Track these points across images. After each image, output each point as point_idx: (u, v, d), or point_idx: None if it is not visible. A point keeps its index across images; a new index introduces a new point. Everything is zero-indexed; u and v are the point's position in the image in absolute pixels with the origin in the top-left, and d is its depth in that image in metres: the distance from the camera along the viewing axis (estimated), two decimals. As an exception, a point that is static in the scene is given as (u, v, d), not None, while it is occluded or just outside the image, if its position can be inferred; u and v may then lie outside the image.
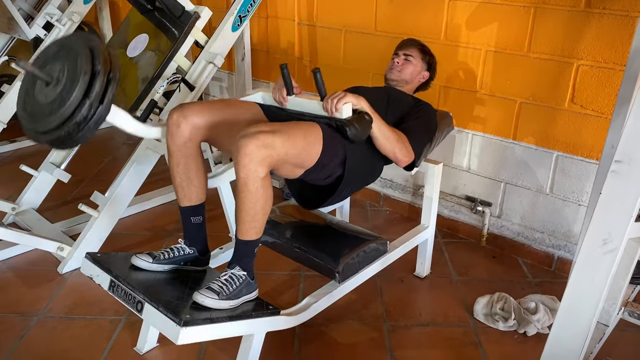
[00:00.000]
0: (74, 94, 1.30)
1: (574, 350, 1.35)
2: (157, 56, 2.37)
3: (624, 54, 2.07)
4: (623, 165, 1.24)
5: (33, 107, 1.41)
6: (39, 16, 3.18)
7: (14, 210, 2.70)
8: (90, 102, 1.32)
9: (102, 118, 1.37)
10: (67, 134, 1.34)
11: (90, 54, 1.34)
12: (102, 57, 1.33)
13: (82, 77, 1.30)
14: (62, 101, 1.32)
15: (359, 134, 1.72)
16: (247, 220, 1.59)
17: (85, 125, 1.34)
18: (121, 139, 4.01)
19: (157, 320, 1.52)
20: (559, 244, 2.47)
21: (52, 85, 1.36)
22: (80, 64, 1.31)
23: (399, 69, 2.19)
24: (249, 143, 1.50)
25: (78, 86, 1.30)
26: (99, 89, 1.32)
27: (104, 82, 1.34)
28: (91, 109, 1.33)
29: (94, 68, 1.32)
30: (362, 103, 1.76)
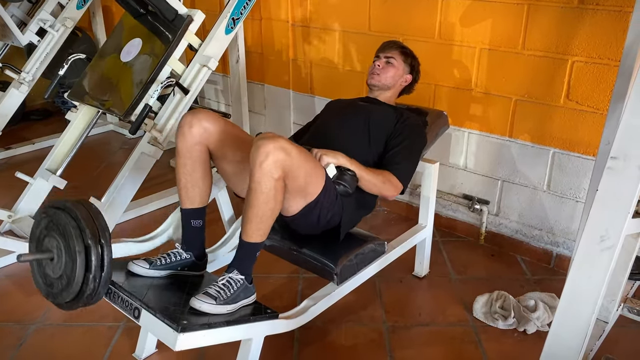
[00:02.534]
0: (76, 273, 1.45)
1: (574, 347, 1.35)
2: (151, 60, 2.36)
3: (618, 49, 2.06)
4: (619, 162, 1.23)
5: (47, 282, 1.57)
6: (32, 22, 3.17)
7: (10, 217, 2.68)
8: (93, 275, 1.47)
9: (108, 280, 1.51)
10: (85, 300, 1.51)
11: (78, 228, 1.46)
12: (89, 230, 1.46)
13: (78, 256, 1.45)
14: (69, 280, 1.48)
15: (348, 189, 1.80)
16: (255, 221, 1.59)
17: (95, 293, 1.50)
18: (117, 144, 4.00)
19: (154, 327, 1.51)
20: (557, 241, 2.47)
21: (56, 260, 1.52)
22: (73, 242, 1.45)
23: (378, 72, 2.14)
24: (269, 143, 1.52)
25: (78, 265, 1.45)
26: (96, 261, 1.46)
27: (99, 252, 1.47)
28: (95, 279, 1.47)
29: (85, 243, 1.46)
30: (340, 160, 1.80)
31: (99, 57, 2.59)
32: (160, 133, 2.35)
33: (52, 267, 1.54)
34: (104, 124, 4.19)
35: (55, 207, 1.55)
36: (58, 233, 1.51)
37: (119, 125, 4.18)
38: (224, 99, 3.90)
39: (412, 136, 2.02)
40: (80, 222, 1.47)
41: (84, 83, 2.54)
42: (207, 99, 4.03)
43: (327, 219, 1.80)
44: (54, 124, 4.32)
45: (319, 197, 1.71)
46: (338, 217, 1.82)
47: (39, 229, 1.59)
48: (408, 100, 2.35)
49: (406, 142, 1.99)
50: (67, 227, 1.48)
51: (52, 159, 2.68)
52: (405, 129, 2.01)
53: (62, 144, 2.68)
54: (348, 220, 1.87)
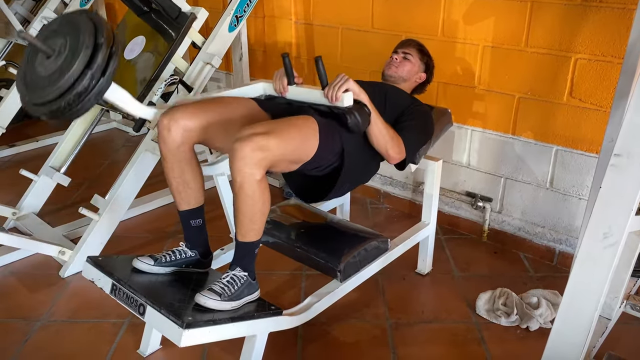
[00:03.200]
0: (75, 64, 1.30)
1: (577, 344, 1.35)
2: (154, 58, 2.37)
3: (621, 47, 2.06)
4: (622, 159, 1.23)
5: (33, 79, 1.40)
6: (36, 20, 3.17)
7: (14, 215, 2.70)
8: (92, 73, 1.31)
9: (103, 90, 1.36)
10: (66, 105, 1.33)
11: (94, 27, 1.33)
12: (106, 31, 1.33)
13: (84, 49, 1.30)
14: (62, 72, 1.32)
15: (359, 123, 1.74)
16: (246, 223, 1.59)
17: (85, 97, 1.33)
18: (120, 142, 4.01)
19: (159, 323, 1.52)
20: (560, 238, 2.47)
21: (54, 58, 1.35)
22: (83, 37, 1.31)
23: (396, 65, 2.20)
24: (244, 147, 1.49)
25: (80, 58, 1.30)
26: (101, 61, 1.32)
27: (107, 55, 1.33)
28: (92, 79, 1.32)
29: (97, 41, 1.31)
30: (362, 95, 1.78)
31: (102, 55, 2.59)
32: (164, 130, 2.36)
33: (45, 65, 1.38)
34: (107, 122, 4.20)
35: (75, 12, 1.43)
36: (70, 30, 1.36)
37: (122, 123, 4.19)
38: (227, 97, 3.90)
39: (422, 119, 2.05)
40: (99, 23, 1.35)
41: (88, 80, 2.54)
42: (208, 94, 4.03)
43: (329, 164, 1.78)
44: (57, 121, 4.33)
45: (315, 155, 1.69)
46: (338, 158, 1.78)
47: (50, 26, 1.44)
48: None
49: (418, 121, 2.02)
50: (82, 23, 1.35)
51: (56, 156, 2.70)
52: (417, 112, 2.05)
53: (66, 142, 2.69)
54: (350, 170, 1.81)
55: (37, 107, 1.38)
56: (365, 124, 1.77)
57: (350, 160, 1.79)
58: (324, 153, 1.72)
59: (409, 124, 1.98)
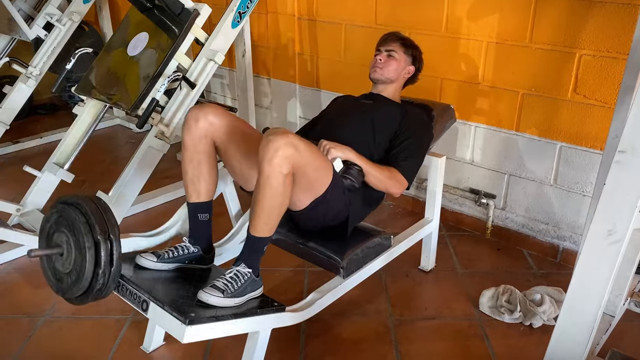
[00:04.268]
0: (86, 268, 1.47)
1: (580, 341, 1.35)
2: (157, 54, 2.37)
3: (626, 42, 2.05)
4: (627, 156, 1.23)
5: (57, 276, 1.59)
6: (39, 16, 3.17)
7: (18, 211, 2.70)
8: (102, 270, 1.49)
9: (117, 275, 1.54)
10: (95, 295, 1.53)
11: (87, 224, 1.48)
12: (98, 226, 1.47)
13: (87, 251, 1.47)
14: (79, 275, 1.50)
15: (354, 183, 1.82)
16: (263, 216, 1.60)
17: (105, 288, 1.52)
18: (124, 138, 4.02)
19: (162, 319, 1.52)
20: (563, 235, 2.46)
21: (66, 254, 1.54)
22: (83, 240, 1.47)
23: (380, 66, 2.11)
24: (278, 139, 1.52)
25: (87, 261, 1.47)
26: (105, 257, 1.48)
27: (108, 247, 1.49)
28: (105, 274, 1.50)
29: (95, 238, 1.47)
30: (348, 154, 1.83)
31: (105, 52, 2.60)
32: (167, 127, 2.36)
33: (61, 262, 1.55)
34: (111, 118, 4.21)
35: (65, 203, 1.56)
36: (67, 229, 1.52)
37: (125, 120, 4.19)
38: (230, 93, 3.90)
39: (417, 133, 2.02)
40: (90, 218, 1.48)
41: (91, 77, 2.55)
42: (213, 93, 4.04)
43: (334, 214, 1.80)
44: (61, 118, 4.34)
45: (326, 192, 1.72)
46: (345, 212, 1.82)
47: (48, 224, 1.60)
48: (415, 94, 2.34)
49: (411, 140, 1.99)
50: (76, 222, 1.49)
51: (59, 152, 2.70)
52: (411, 126, 2.01)
53: (70, 138, 2.69)
54: (355, 215, 1.87)
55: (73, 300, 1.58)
56: (359, 180, 1.84)
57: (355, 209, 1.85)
58: (333, 194, 1.74)
59: (403, 147, 1.97)
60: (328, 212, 1.78)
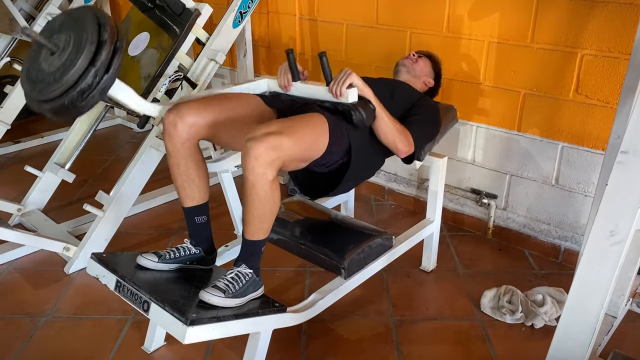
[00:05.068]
0: (79, 62, 1.29)
1: (582, 342, 1.35)
2: (158, 54, 2.37)
3: (628, 42, 2.04)
4: (629, 156, 1.23)
5: (37, 75, 1.39)
6: (40, 16, 3.17)
7: (19, 211, 2.71)
8: (96, 70, 1.31)
9: (107, 87, 1.36)
10: (70, 102, 1.33)
11: (97, 23, 1.33)
12: (109, 27, 1.32)
13: (88, 46, 1.30)
14: (66, 69, 1.31)
15: (364, 119, 1.74)
16: (255, 222, 1.59)
17: (89, 94, 1.33)
18: (125, 138, 4.02)
19: (163, 320, 1.52)
20: (565, 236, 2.46)
21: (58, 54, 1.35)
22: (87, 34, 1.31)
23: (412, 59, 2.27)
24: (258, 146, 1.48)
25: (83, 54, 1.29)
26: (104, 58, 1.31)
27: (110, 51, 1.32)
28: (96, 76, 1.31)
29: (101, 37, 1.31)
30: (366, 90, 1.78)
31: (106, 51, 2.59)
32: (168, 127, 2.36)
33: (49, 61, 1.37)
34: (112, 118, 4.21)
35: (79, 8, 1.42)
36: (74, 26, 1.35)
37: (126, 119, 4.19)
38: (231, 93, 3.90)
39: (430, 115, 2.06)
40: (102, 19, 1.34)
41: (92, 77, 2.54)
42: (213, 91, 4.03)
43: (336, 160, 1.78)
44: (62, 118, 4.33)
45: (326, 152, 1.69)
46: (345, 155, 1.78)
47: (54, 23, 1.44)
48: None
49: (424, 115, 2.02)
50: (86, 18, 1.34)
51: (60, 152, 2.70)
52: (425, 106, 2.06)
53: (71, 138, 2.70)
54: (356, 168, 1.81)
55: (41, 104, 1.38)
56: (370, 119, 1.76)
57: (356, 157, 1.79)
58: (333, 150, 1.72)
59: (416, 118, 1.98)
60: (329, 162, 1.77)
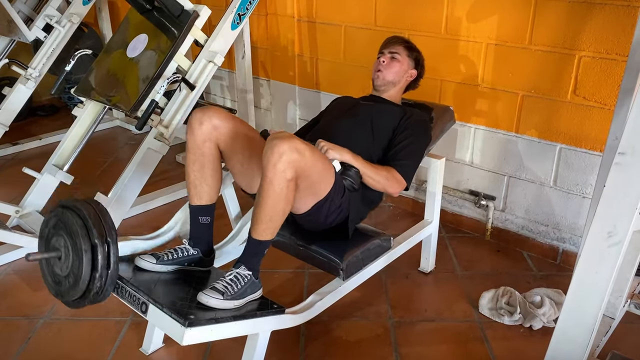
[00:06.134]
0: (83, 271, 1.47)
1: (580, 343, 1.35)
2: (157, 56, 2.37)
3: (626, 44, 2.05)
4: (627, 157, 1.23)
5: (55, 279, 1.60)
6: (39, 18, 3.17)
7: (17, 212, 2.70)
8: (99, 273, 1.49)
9: (114, 278, 1.54)
10: (92, 298, 1.53)
11: (85, 228, 1.48)
12: (96, 230, 1.48)
13: (84, 255, 1.47)
14: (76, 278, 1.50)
15: (354, 184, 1.82)
16: (265, 221, 1.59)
17: (102, 291, 1.52)
18: (123, 140, 4.02)
19: (161, 321, 1.52)
20: (563, 237, 2.46)
21: (64, 259, 1.54)
22: (80, 243, 1.47)
23: (382, 69, 2.13)
24: (283, 143, 1.52)
25: (84, 263, 1.47)
26: (102, 260, 1.48)
27: (105, 251, 1.49)
28: (102, 278, 1.50)
29: (92, 242, 1.48)
30: (345, 156, 1.82)
31: (105, 53, 2.60)
32: (167, 129, 2.36)
33: (60, 266, 1.56)
34: (110, 120, 4.20)
35: (63, 207, 1.56)
36: (65, 232, 1.52)
37: (125, 121, 4.19)
38: (230, 95, 3.90)
39: (416, 133, 2.01)
40: (87, 222, 1.49)
41: (91, 79, 2.55)
42: (212, 95, 4.03)
43: (335, 215, 1.80)
44: (60, 119, 4.34)
45: (329, 194, 1.72)
46: (346, 212, 1.82)
47: (47, 228, 1.60)
48: (414, 96, 2.34)
49: (410, 139, 1.98)
50: (74, 226, 1.49)
51: (59, 154, 2.69)
52: (410, 126, 2.01)
53: (69, 140, 2.69)
54: (355, 215, 1.87)
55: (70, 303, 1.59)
56: (357, 181, 1.84)
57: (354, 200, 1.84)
58: (335, 196, 1.74)
59: (402, 146, 1.97)
60: (330, 213, 1.78)
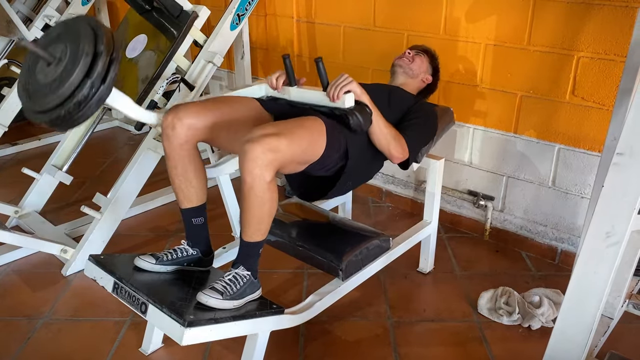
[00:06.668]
0: (75, 73, 1.30)
1: (579, 343, 1.35)
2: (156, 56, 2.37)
3: (624, 45, 2.05)
4: (625, 158, 1.23)
5: (34, 86, 1.40)
6: (38, 18, 3.17)
7: (16, 213, 2.70)
8: (92, 81, 1.31)
9: (104, 98, 1.36)
10: (67, 113, 1.33)
11: (94, 35, 1.33)
12: (105, 38, 1.33)
13: (83, 57, 1.30)
14: (62, 80, 1.32)
15: (361, 123, 1.75)
16: (253, 224, 1.59)
17: (85, 105, 1.33)
18: (123, 140, 4.02)
19: (161, 322, 1.52)
20: (562, 237, 2.46)
21: (54, 65, 1.35)
22: (83, 45, 1.31)
23: (408, 58, 2.23)
24: (255, 147, 1.48)
25: (80, 66, 1.30)
26: (101, 69, 1.32)
27: (107, 62, 1.33)
28: (92, 88, 1.32)
29: (97, 49, 1.32)
30: (363, 97, 1.79)
31: (104, 53, 2.59)
32: (166, 129, 2.36)
33: (45, 72, 1.38)
34: (109, 120, 4.20)
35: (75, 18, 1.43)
36: (70, 37, 1.36)
37: (124, 121, 4.19)
38: (229, 95, 3.90)
39: (427, 116, 2.06)
40: (99, 30, 1.35)
41: (90, 79, 2.54)
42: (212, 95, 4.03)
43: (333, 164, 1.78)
44: (59, 120, 4.33)
45: (323, 156, 1.69)
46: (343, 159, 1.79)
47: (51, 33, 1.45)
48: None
49: (421, 120, 2.02)
50: (82, 30, 1.35)
51: (58, 154, 2.70)
52: (421, 110, 2.06)
53: (68, 140, 2.69)
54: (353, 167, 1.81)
55: (38, 115, 1.39)
56: (367, 124, 1.77)
57: (354, 160, 1.79)
58: (330, 153, 1.72)
59: (412, 123, 1.98)
60: (326, 166, 1.77)
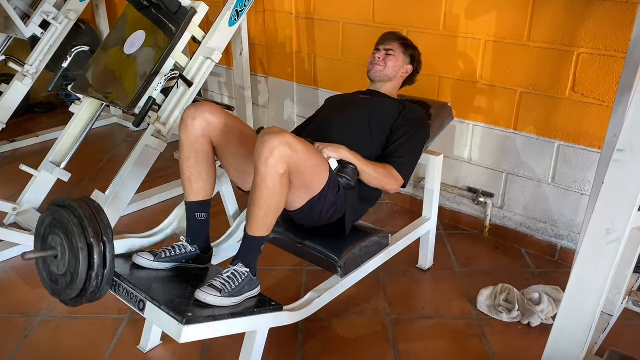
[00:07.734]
0: (79, 270, 1.48)
1: (579, 340, 1.35)
2: (154, 52, 2.36)
3: (624, 41, 2.05)
4: (625, 154, 1.23)
5: (52, 278, 1.60)
6: (36, 14, 3.16)
7: (14, 210, 2.69)
8: (95, 272, 1.49)
9: (111, 278, 1.54)
10: (89, 297, 1.53)
11: (81, 227, 1.48)
12: (92, 227, 1.48)
13: (81, 252, 1.47)
14: (72, 277, 1.50)
15: (350, 182, 1.82)
16: (260, 216, 1.59)
17: (99, 289, 1.52)
18: (121, 137, 4.01)
19: (159, 319, 1.51)
20: (561, 234, 2.46)
21: (60, 258, 1.54)
22: (76, 242, 1.47)
23: (379, 64, 2.13)
24: (274, 138, 1.52)
25: (81, 262, 1.47)
26: (98, 259, 1.48)
27: (101, 250, 1.49)
28: (98, 277, 1.50)
29: (88, 241, 1.47)
30: (342, 153, 1.81)
31: (102, 50, 2.59)
32: (164, 126, 2.36)
33: (56, 265, 1.55)
34: (107, 117, 4.19)
35: (59, 206, 1.56)
36: (61, 231, 1.52)
37: (122, 118, 4.18)
38: (228, 92, 3.89)
39: (414, 130, 2.01)
40: (83, 221, 1.48)
41: (88, 76, 2.54)
42: (210, 92, 4.02)
43: (331, 213, 1.79)
44: (57, 116, 4.32)
45: (323, 191, 1.71)
46: (342, 210, 1.82)
47: (43, 226, 1.60)
48: (412, 92, 2.34)
49: (408, 136, 1.98)
50: (69, 225, 1.49)
51: (56, 151, 2.69)
52: (407, 122, 2.00)
53: (66, 137, 2.68)
54: (352, 213, 1.86)
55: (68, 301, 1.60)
56: (354, 178, 1.83)
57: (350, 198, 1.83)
58: (329, 192, 1.74)
59: (398, 145, 1.96)
60: (324, 210, 1.77)
